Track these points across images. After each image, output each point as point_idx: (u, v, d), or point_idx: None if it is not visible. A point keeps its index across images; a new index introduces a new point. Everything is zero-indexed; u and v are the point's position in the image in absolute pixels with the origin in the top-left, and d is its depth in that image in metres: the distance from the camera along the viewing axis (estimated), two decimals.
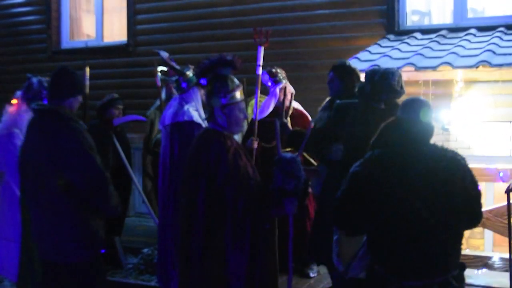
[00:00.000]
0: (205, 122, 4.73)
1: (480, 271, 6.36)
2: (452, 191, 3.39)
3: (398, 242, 3.42)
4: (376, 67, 5.07)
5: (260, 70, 5.87)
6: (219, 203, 3.76)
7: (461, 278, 3.54)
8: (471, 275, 6.40)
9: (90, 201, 4.27)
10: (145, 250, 7.16)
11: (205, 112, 4.42)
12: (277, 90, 6.55)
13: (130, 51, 10.23)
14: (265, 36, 5.81)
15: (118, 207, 4.47)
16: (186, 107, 5.48)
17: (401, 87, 4.89)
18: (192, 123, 5.35)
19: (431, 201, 3.37)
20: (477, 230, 6.95)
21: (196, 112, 5.48)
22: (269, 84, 6.66)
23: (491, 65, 6.17)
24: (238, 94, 4.05)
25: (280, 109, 6.54)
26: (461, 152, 7.46)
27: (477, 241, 8.25)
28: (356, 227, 3.64)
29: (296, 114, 6.67)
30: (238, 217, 3.74)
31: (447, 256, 3.44)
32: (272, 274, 4.06)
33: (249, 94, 7.00)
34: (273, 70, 6.66)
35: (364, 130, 4.31)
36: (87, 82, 6.70)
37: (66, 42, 11.10)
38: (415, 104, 3.63)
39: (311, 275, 6.62)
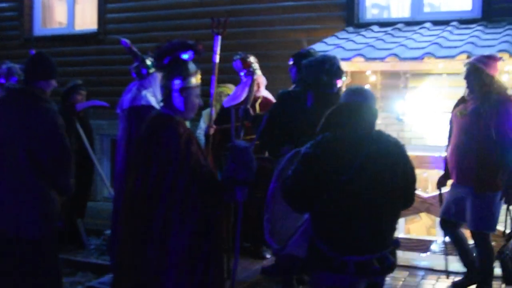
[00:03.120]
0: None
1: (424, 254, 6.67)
2: (394, 174, 3.63)
3: (342, 220, 3.59)
4: (312, 58, 5.31)
5: (217, 58, 6.03)
6: (171, 189, 3.75)
7: (395, 253, 3.79)
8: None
9: (53, 177, 4.49)
10: (107, 231, 7.36)
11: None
12: (251, 81, 6.69)
13: (100, 39, 10.43)
14: (222, 26, 5.99)
15: (72, 188, 4.71)
16: (143, 92, 5.67)
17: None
18: (149, 108, 5.49)
19: (375, 182, 3.56)
20: None
21: (153, 97, 5.66)
22: (242, 74, 6.83)
23: (435, 57, 6.46)
24: (196, 79, 4.02)
25: (248, 98, 6.75)
26: (415, 141, 7.90)
27: None
28: (305, 205, 3.79)
29: (265, 102, 6.86)
30: (189, 203, 3.76)
31: (385, 233, 3.68)
32: (219, 260, 4.11)
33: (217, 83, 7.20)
34: (247, 60, 6.81)
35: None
36: None
37: (39, 30, 11.25)
38: (362, 91, 3.83)
39: (267, 256, 6.84)
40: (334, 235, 3.64)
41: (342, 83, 5.29)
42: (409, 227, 9.07)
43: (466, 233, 5.81)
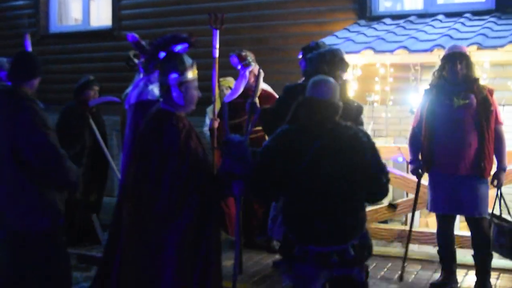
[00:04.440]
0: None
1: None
2: (350, 165, 3.65)
3: (301, 211, 3.71)
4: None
5: (217, 53, 6.05)
6: (170, 183, 3.80)
7: (362, 247, 3.78)
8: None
9: (47, 176, 4.51)
10: None
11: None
12: (247, 73, 6.79)
13: (115, 35, 10.52)
14: (220, 21, 6.02)
15: (76, 183, 4.72)
16: (150, 87, 5.69)
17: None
18: (156, 102, 5.52)
19: (329, 174, 3.64)
20: None
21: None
22: (239, 67, 6.89)
23: (445, 49, 6.35)
24: (193, 72, 4.04)
25: (250, 90, 6.79)
26: None
27: None
28: (266, 196, 4.01)
29: (265, 95, 6.88)
30: (187, 198, 3.81)
31: (346, 225, 3.70)
32: (217, 256, 4.15)
33: (220, 76, 7.24)
34: (242, 54, 6.85)
35: None
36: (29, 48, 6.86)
37: (55, 27, 11.37)
38: (320, 84, 3.86)
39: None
40: (297, 225, 3.75)
41: (347, 76, 5.25)
42: (427, 220, 9.03)
43: None
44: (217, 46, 5.91)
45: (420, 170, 5.70)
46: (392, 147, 6.95)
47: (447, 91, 5.45)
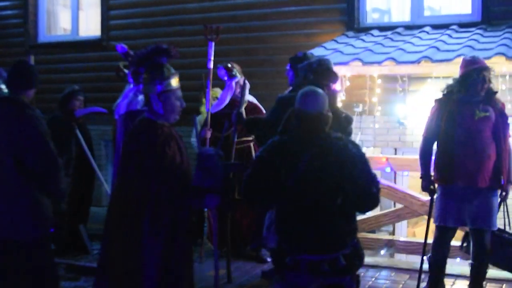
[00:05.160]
0: None
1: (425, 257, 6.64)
2: (340, 177, 3.67)
3: (292, 220, 3.75)
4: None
5: (211, 65, 6.08)
6: (143, 191, 3.88)
7: (354, 256, 3.81)
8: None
9: (41, 183, 4.53)
10: None
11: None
12: (233, 84, 6.83)
13: (103, 46, 10.52)
14: (215, 32, 6.04)
15: (65, 193, 4.81)
16: (140, 97, 5.71)
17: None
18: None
19: (318, 186, 3.67)
20: None
21: None
22: (225, 78, 6.93)
23: (432, 60, 6.46)
24: (174, 82, 4.09)
25: (237, 101, 6.84)
26: (417, 144, 7.85)
27: None
28: (260, 204, 4.05)
29: (250, 106, 6.94)
30: (159, 206, 3.88)
31: (337, 235, 3.73)
32: (188, 263, 4.22)
33: (213, 87, 7.29)
34: (229, 65, 6.90)
35: None
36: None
37: (43, 36, 11.37)
38: (309, 95, 3.86)
39: (268, 259, 6.85)
40: (287, 234, 3.79)
41: (337, 86, 5.26)
42: (414, 230, 9.08)
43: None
44: (212, 58, 5.92)
45: (432, 186, 5.57)
46: (380, 157, 6.99)
47: (467, 102, 5.37)
